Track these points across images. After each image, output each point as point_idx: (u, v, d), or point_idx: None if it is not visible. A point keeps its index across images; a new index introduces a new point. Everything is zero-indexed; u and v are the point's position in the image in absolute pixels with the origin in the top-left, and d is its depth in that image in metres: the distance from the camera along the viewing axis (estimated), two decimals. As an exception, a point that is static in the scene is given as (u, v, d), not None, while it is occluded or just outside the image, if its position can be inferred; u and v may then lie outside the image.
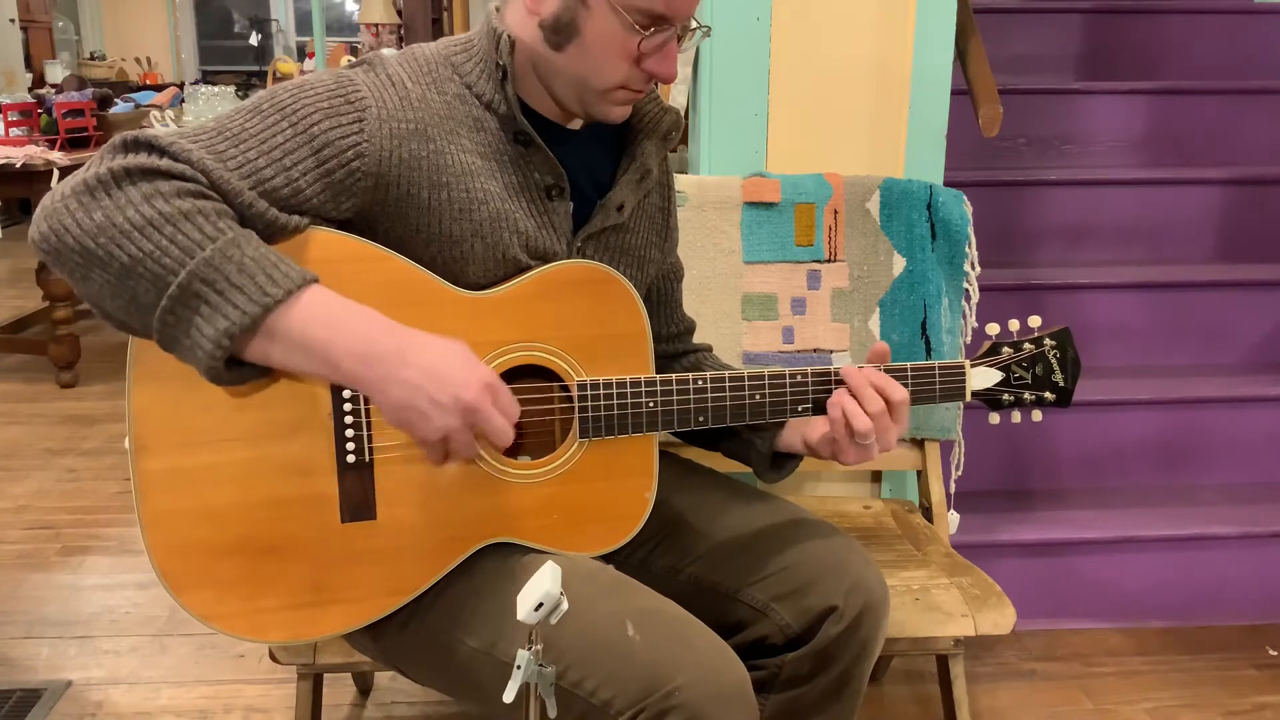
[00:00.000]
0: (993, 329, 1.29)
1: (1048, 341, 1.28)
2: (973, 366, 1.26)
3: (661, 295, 1.41)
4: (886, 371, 1.22)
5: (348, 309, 1.02)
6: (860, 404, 1.18)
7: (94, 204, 0.96)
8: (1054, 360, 1.28)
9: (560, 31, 1.12)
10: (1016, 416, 1.30)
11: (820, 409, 1.22)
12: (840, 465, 1.23)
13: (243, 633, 1.10)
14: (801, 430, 1.27)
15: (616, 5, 1.09)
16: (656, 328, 1.40)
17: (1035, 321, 1.29)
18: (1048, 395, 1.28)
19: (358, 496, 1.11)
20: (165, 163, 0.99)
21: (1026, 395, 1.28)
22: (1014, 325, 1.29)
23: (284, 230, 1.06)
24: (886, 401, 1.18)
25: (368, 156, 1.08)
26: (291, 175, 1.05)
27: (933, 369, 1.24)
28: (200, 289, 0.96)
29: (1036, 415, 1.30)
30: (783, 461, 1.33)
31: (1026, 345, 1.28)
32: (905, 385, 1.23)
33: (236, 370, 1.01)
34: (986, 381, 1.27)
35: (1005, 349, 1.28)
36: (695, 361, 1.44)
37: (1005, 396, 1.28)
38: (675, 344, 1.44)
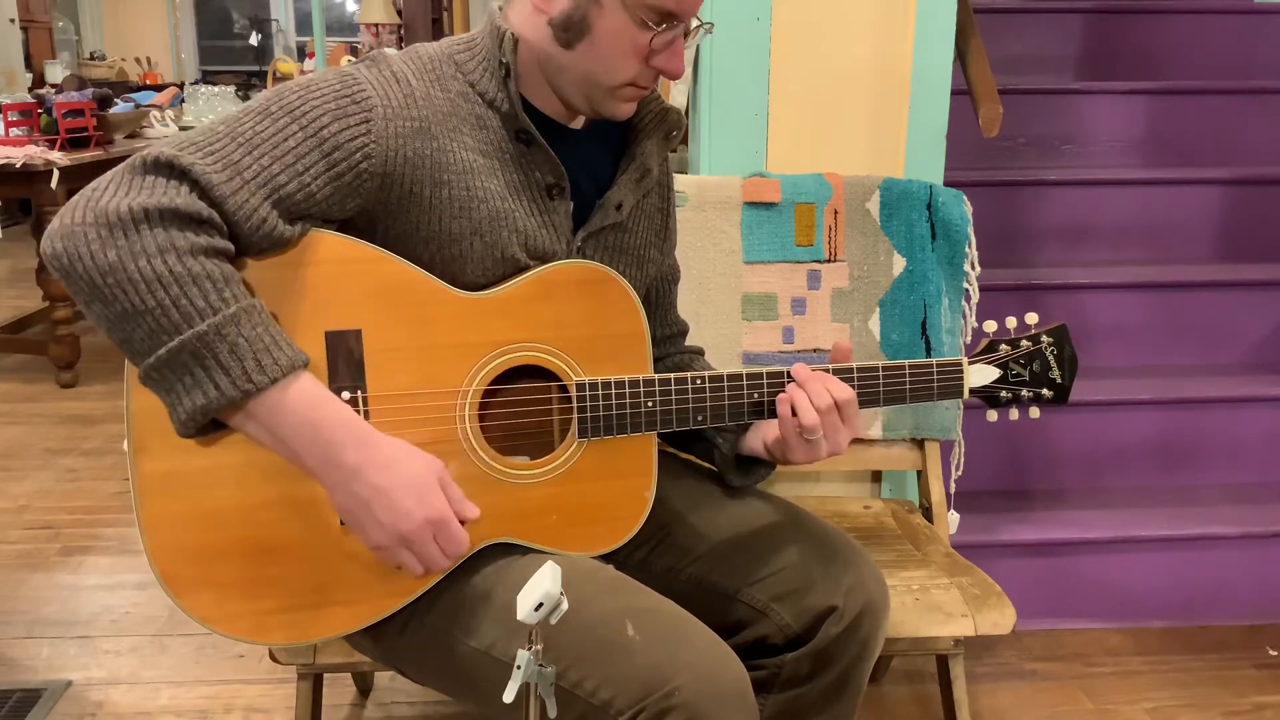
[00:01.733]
0: (990, 326, 1.29)
1: (1045, 339, 1.28)
2: (970, 364, 1.26)
3: (658, 298, 1.41)
4: (883, 370, 1.23)
5: (324, 409, 1.03)
6: (810, 399, 1.18)
7: (111, 241, 0.97)
8: (1051, 357, 1.28)
9: (571, 29, 1.12)
10: (1014, 414, 1.30)
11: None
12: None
13: (242, 635, 1.10)
14: (762, 432, 1.28)
15: (629, 2, 1.09)
16: (649, 330, 1.40)
17: (1032, 319, 1.29)
18: (1045, 392, 1.28)
19: (357, 497, 1.10)
20: (183, 199, 0.99)
21: (1024, 392, 1.28)
22: (1011, 323, 1.29)
23: (289, 244, 1.07)
24: (834, 400, 1.18)
25: (375, 157, 1.08)
26: (304, 180, 1.05)
27: (930, 366, 1.25)
28: (188, 360, 0.98)
29: (1034, 412, 1.30)
30: (750, 465, 1.34)
31: (1024, 342, 1.28)
32: (903, 384, 1.24)
33: (209, 429, 1.03)
34: (984, 379, 1.27)
35: (1003, 346, 1.28)
36: (679, 363, 1.43)
37: (1003, 394, 1.28)
38: (667, 346, 1.44)
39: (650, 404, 1.19)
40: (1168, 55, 3.11)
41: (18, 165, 3.45)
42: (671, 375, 1.20)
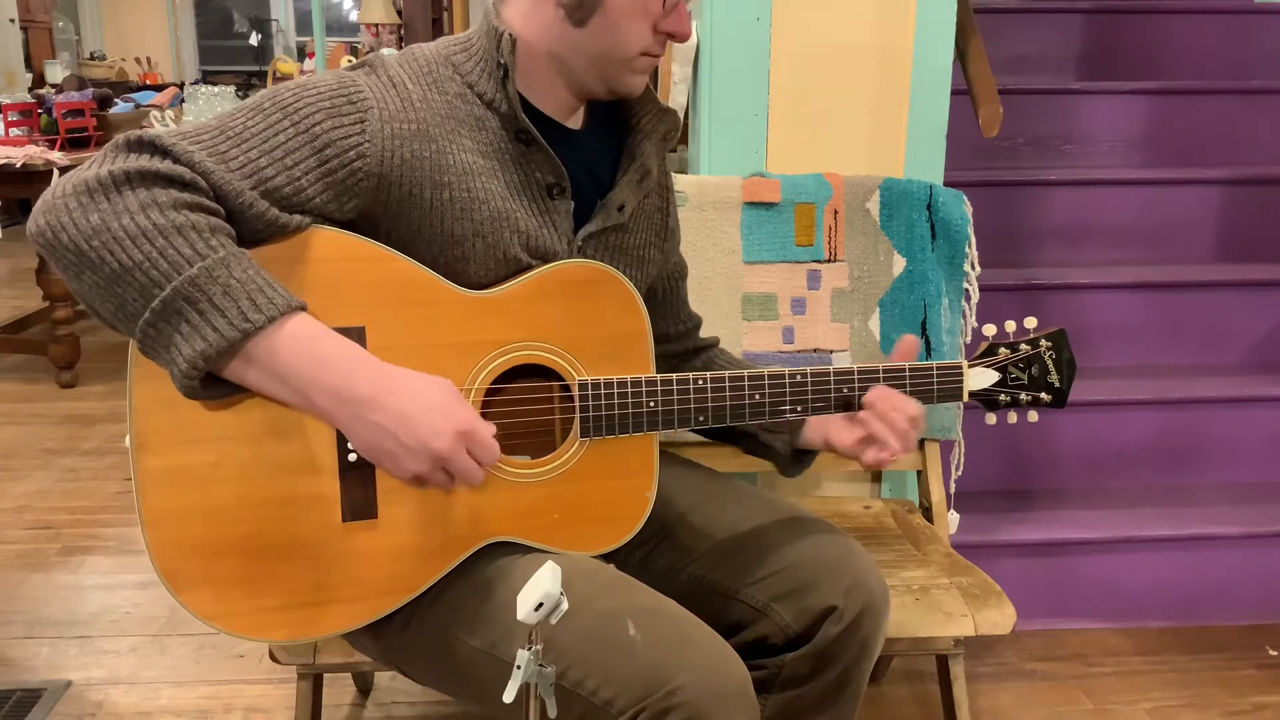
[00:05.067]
0: (989, 330, 1.29)
1: (1043, 342, 1.28)
2: (970, 367, 1.27)
3: (667, 294, 1.41)
4: (885, 373, 1.24)
5: (329, 343, 1.02)
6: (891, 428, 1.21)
7: (92, 205, 0.97)
8: (1050, 361, 1.28)
9: (583, 5, 1.13)
10: (1013, 417, 1.30)
11: (819, 409, 1.23)
12: (849, 465, 1.26)
13: (243, 632, 1.10)
14: (823, 432, 1.29)
15: None
16: (664, 327, 1.41)
17: (1031, 322, 1.29)
18: (1044, 396, 1.29)
19: (359, 496, 1.11)
20: (166, 165, 0.99)
21: (1023, 396, 1.28)
22: (1010, 326, 1.29)
23: (285, 230, 1.06)
24: (911, 419, 1.21)
25: (369, 157, 1.08)
26: (293, 174, 1.05)
27: (930, 369, 1.25)
28: (183, 307, 0.97)
29: (1033, 416, 1.30)
30: (802, 456, 1.36)
31: (1023, 346, 1.28)
32: (904, 385, 1.24)
33: (213, 387, 1.02)
34: (983, 382, 1.27)
35: (1002, 350, 1.28)
36: (708, 360, 1.44)
37: (1002, 397, 1.28)
38: (684, 341, 1.44)
39: (652, 404, 1.19)
40: (1168, 55, 3.11)
41: (18, 165, 3.45)
42: (674, 375, 1.20)
